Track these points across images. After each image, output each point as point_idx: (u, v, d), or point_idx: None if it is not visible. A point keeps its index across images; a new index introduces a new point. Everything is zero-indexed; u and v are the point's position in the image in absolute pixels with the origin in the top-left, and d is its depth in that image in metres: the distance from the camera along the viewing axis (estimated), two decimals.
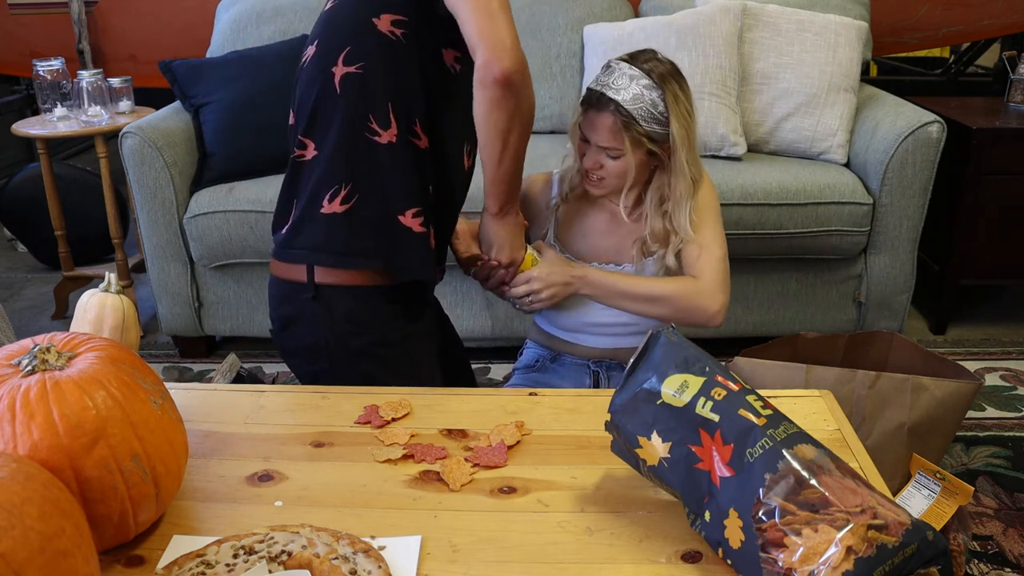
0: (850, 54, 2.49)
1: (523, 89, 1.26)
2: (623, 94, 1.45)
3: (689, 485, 0.93)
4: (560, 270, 1.54)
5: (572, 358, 1.67)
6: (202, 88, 2.52)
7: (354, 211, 1.32)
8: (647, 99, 1.45)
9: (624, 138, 1.45)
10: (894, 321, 2.49)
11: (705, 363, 0.95)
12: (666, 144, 1.48)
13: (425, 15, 1.28)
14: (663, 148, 1.49)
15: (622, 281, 1.55)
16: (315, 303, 1.35)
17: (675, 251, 1.55)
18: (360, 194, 1.32)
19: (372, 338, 1.38)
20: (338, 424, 1.22)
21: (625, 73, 1.46)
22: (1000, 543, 1.75)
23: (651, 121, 1.46)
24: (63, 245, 2.85)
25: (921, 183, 2.33)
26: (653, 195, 1.54)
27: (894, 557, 0.80)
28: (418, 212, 1.34)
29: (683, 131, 1.48)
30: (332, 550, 0.92)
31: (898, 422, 1.61)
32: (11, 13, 3.50)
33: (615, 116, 1.45)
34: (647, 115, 1.45)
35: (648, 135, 1.46)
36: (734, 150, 2.44)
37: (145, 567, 0.93)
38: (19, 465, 0.79)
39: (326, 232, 1.32)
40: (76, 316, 1.17)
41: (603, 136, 1.47)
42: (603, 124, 1.47)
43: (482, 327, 2.46)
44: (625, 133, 1.45)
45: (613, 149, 1.48)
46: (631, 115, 1.44)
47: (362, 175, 1.32)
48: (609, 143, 1.47)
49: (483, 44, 1.20)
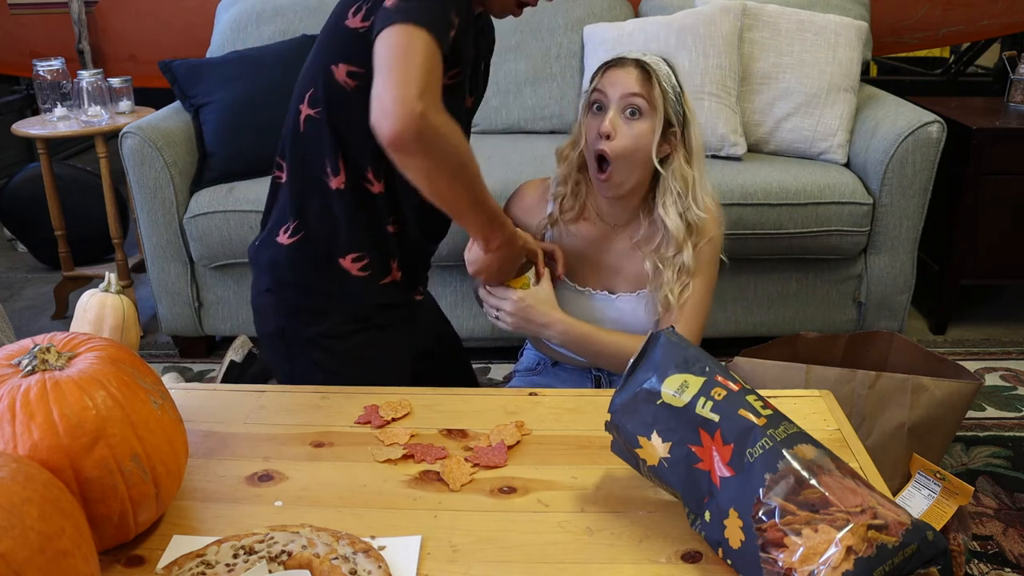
0: (850, 54, 2.49)
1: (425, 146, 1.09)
2: (643, 57, 1.41)
3: (689, 485, 0.93)
4: (541, 311, 1.46)
5: (572, 366, 1.66)
6: (202, 88, 2.52)
7: (299, 247, 1.36)
8: (664, 68, 1.42)
9: (654, 88, 1.38)
10: (894, 321, 2.49)
11: (705, 363, 0.95)
12: (679, 127, 1.43)
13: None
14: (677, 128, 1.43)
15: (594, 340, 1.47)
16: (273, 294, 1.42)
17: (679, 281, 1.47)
18: (306, 232, 1.36)
19: (323, 328, 1.40)
20: (338, 424, 1.22)
21: (634, 51, 1.44)
22: (1000, 543, 1.75)
23: (670, 88, 1.41)
24: (63, 245, 2.85)
25: (921, 183, 2.33)
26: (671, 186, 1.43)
27: (894, 557, 0.80)
28: (359, 257, 1.36)
29: (692, 112, 1.44)
30: (332, 550, 0.92)
31: (898, 422, 1.61)
32: (11, 13, 3.50)
33: (640, 67, 1.39)
34: (667, 80, 1.41)
35: (668, 101, 1.40)
36: (734, 150, 2.44)
37: (145, 567, 0.93)
38: (19, 465, 0.79)
39: (277, 258, 1.39)
40: (76, 316, 1.17)
41: (628, 84, 1.38)
42: (627, 75, 1.39)
43: (482, 327, 2.46)
44: (655, 82, 1.38)
45: (637, 98, 1.38)
46: (656, 71, 1.39)
47: (311, 215, 1.35)
48: (638, 88, 1.38)
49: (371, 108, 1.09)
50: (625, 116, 1.39)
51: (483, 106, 2.77)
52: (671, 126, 1.41)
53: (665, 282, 1.47)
